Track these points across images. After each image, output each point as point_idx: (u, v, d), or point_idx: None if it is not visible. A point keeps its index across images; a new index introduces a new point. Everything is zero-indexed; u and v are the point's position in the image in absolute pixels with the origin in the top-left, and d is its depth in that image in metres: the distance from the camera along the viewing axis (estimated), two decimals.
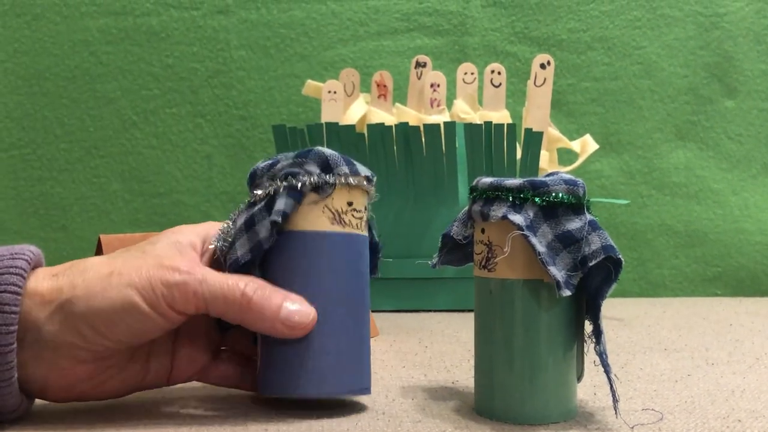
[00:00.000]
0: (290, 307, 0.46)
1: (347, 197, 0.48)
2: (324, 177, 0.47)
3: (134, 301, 0.44)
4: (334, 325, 0.48)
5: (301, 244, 0.48)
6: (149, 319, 0.44)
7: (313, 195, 0.47)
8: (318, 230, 0.47)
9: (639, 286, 1.29)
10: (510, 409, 0.46)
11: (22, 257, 0.44)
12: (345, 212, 0.48)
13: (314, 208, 0.47)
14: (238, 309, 0.46)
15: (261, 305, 0.46)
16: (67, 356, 0.45)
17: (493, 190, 0.46)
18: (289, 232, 0.48)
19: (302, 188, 0.47)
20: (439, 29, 1.31)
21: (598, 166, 1.30)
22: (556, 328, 0.46)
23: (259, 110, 1.30)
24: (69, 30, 1.30)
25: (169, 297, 0.44)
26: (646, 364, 0.66)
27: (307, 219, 0.47)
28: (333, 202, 0.48)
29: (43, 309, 0.44)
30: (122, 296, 0.44)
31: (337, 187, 0.48)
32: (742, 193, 1.30)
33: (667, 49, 1.30)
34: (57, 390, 0.46)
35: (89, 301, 0.43)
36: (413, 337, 0.81)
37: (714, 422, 0.47)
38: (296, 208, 0.47)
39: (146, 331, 0.45)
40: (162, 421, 0.47)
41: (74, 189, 1.30)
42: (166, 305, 0.44)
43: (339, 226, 0.48)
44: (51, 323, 0.44)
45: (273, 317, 0.46)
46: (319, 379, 0.47)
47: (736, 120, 1.31)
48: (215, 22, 1.30)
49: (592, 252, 0.44)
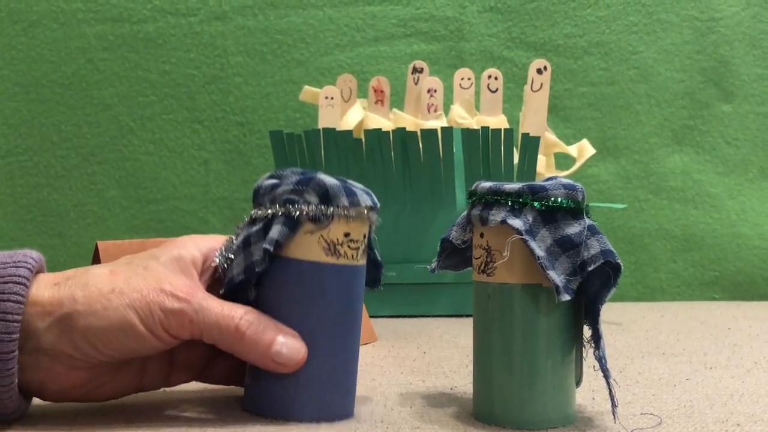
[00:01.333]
0: (281, 344, 0.47)
1: (344, 228, 0.48)
2: (321, 208, 0.47)
3: (132, 323, 0.45)
4: (321, 354, 0.48)
5: (294, 272, 0.48)
6: (145, 340, 0.45)
7: (309, 225, 0.47)
8: (311, 260, 0.48)
9: (637, 291, 1.29)
10: (509, 414, 0.46)
11: (24, 265, 0.45)
12: (341, 243, 0.48)
13: (309, 238, 0.47)
14: (231, 341, 0.46)
15: (253, 340, 0.46)
16: (63, 364, 0.45)
17: (492, 194, 0.46)
18: (283, 258, 0.48)
19: (299, 218, 0.47)
20: (436, 35, 1.31)
21: (595, 170, 1.30)
22: (555, 333, 0.46)
23: (257, 116, 1.30)
24: (66, 37, 1.30)
25: (166, 322, 0.45)
26: (645, 368, 0.66)
27: (302, 248, 0.48)
28: (329, 233, 0.47)
29: (42, 319, 0.44)
30: (120, 317, 0.44)
31: (334, 218, 0.47)
32: (739, 197, 1.30)
33: (663, 53, 1.31)
34: (53, 392, 0.47)
35: (88, 318, 0.44)
36: (412, 342, 0.81)
37: (713, 426, 0.47)
38: (291, 237, 0.47)
39: (141, 350, 0.46)
40: (161, 424, 0.47)
41: (71, 196, 1.30)
42: (162, 329, 0.45)
43: (333, 258, 0.48)
44: (50, 333, 0.44)
45: (264, 353, 0.47)
46: (302, 405, 0.48)
47: (732, 124, 1.31)
48: (212, 29, 1.30)
49: (591, 257, 0.44)
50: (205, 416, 0.50)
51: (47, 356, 0.45)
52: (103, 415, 0.50)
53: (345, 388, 0.50)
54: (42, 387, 0.46)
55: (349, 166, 1.02)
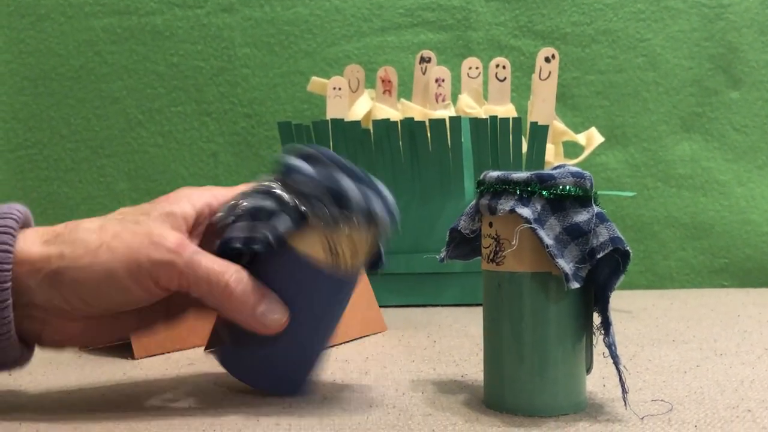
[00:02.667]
0: (266, 307, 0.47)
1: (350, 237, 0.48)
2: (336, 216, 0.47)
3: (119, 277, 0.45)
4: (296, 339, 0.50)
5: (289, 260, 0.48)
6: (133, 293, 0.46)
7: (318, 224, 0.47)
8: (310, 255, 0.48)
9: (646, 278, 1.29)
10: (520, 401, 0.46)
11: (10, 216, 0.46)
12: (343, 249, 0.48)
13: (312, 233, 0.48)
14: (219, 297, 0.47)
15: (241, 299, 0.47)
16: (58, 316, 0.46)
17: (500, 183, 0.47)
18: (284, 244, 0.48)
19: (310, 218, 0.47)
20: (443, 24, 1.31)
21: (604, 158, 1.30)
22: (565, 321, 0.46)
23: (265, 107, 1.30)
24: (73, 30, 1.30)
25: (155, 274, 0.45)
26: (655, 355, 0.66)
27: (302, 240, 0.48)
28: (333, 236, 0.48)
29: (32, 277, 0.45)
30: (107, 270, 0.45)
31: (344, 228, 0.48)
32: (749, 184, 1.30)
33: (671, 41, 1.30)
34: (53, 341, 0.48)
35: (76, 273, 0.45)
36: (421, 331, 0.81)
37: (724, 412, 0.47)
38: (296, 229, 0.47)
39: (131, 302, 0.47)
40: (172, 414, 0.48)
41: (81, 189, 1.30)
42: (151, 282, 0.46)
43: (331, 259, 0.48)
44: (40, 290, 0.45)
45: (250, 313, 0.47)
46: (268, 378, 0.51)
47: (741, 111, 1.30)
48: (219, 20, 1.30)
49: (600, 244, 0.44)
50: (218, 407, 0.50)
51: (41, 310, 0.46)
52: (110, 408, 0.50)
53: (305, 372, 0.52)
54: (40, 336, 0.48)
55: (358, 157, 1.02)
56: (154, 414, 0.48)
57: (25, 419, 0.47)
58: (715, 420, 0.45)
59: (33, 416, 0.48)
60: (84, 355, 0.69)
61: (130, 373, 0.61)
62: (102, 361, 0.66)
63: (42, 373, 0.61)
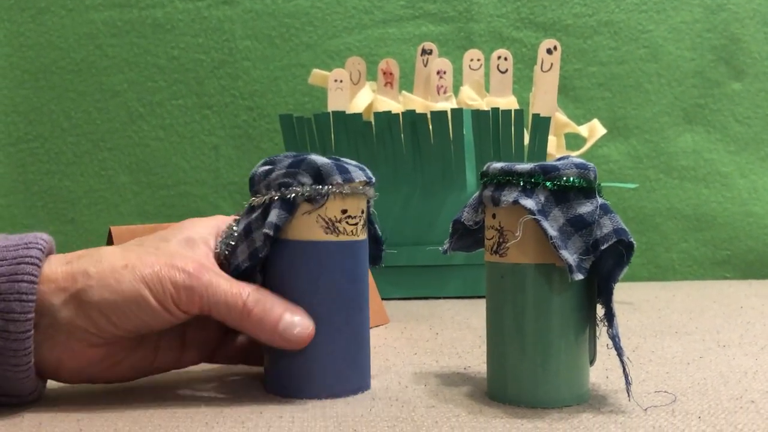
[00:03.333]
0: (289, 321, 0.47)
1: (341, 205, 0.49)
2: (316, 188, 0.48)
3: (144, 296, 0.45)
4: (330, 330, 0.49)
5: (296, 253, 0.49)
6: (157, 314, 0.46)
7: (306, 205, 0.48)
8: (312, 240, 0.48)
9: (648, 270, 1.29)
10: (523, 393, 0.46)
11: (36, 246, 0.46)
12: (339, 221, 0.49)
13: (308, 219, 0.48)
14: (239, 318, 0.47)
15: (261, 318, 0.47)
16: (79, 339, 0.46)
17: (504, 175, 0.46)
18: (285, 241, 0.49)
19: (294, 199, 0.48)
20: (445, 16, 1.30)
21: (606, 150, 1.29)
22: (568, 312, 0.46)
23: (266, 100, 1.30)
24: (74, 23, 1.30)
25: (176, 297, 0.46)
26: (658, 347, 0.66)
27: (301, 229, 0.48)
28: (326, 212, 0.48)
29: (57, 295, 0.45)
30: (133, 290, 0.45)
31: (329, 197, 0.48)
32: (751, 175, 1.30)
33: (673, 32, 1.30)
34: (69, 371, 0.48)
35: (102, 292, 0.45)
36: (424, 324, 0.81)
37: (727, 403, 0.47)
38: (289, 219, 0.48)
39: (154, 324, 0.47)
40: (176, 405, 0.48)
41: (82, 182, 1.30)
42: (173, 304, 0.46)
43: (333, 235, 0.49)
44: (65, 309, 0.45)
45: (272, 330, 0.47)
46: (320, 384, 0.49)
47: (743, 102, 1.30)
48: (220, 13, 1.30)
49: (604, 235, 0.44)
50: (221, 399, 0.50)
51: (63, 333, 0.46)
52: (121, 400, 0.50)
53: (358, 362, 0.51)
54: (58, 365, 0.47)
55: (359, 149, 1.02)
56: (156, 406, 0.48)
57: (28, 412, 0.47)
58: (719, 411, 0.45)
59: (35, 409, 0.48)
60: None
61: None
62: None
63: None
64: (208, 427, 0.43)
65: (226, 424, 0.44)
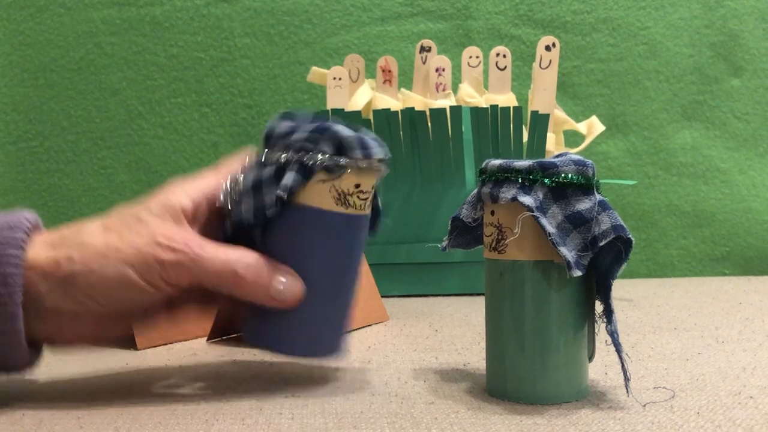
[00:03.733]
0: (280, 284, 0.48)
1: (355, 180, 0.49)
2: (336, 159, 0.48)
3: (131, 278, 0.46)
4: (322, 297, 0.49)
5: (303, 218, 0.49)
6: (145, 292, 0.46)
7: (322, 174, 0.48)
8: (321, 208, 0.48)
9: (647, 267, 1.29)
10: (522, 389, 0.46)
11: (20, 227, 0.46)
12: (351, 194, 0.49)
13: (321, 186, 0.48)
14: (231, 286, 0.47)
15: (253, 283, 0.47)
16: (69, 319, 0.47)
17: (502, 172, 0.46)
18: (294, 204, 0.48)
19: (313, 166, 0.48)
20: (443, 13, 1.30)
21: (605, 147, 1.29)
22: (567, 309, 0.46)
23: (265, 98, 1.30)
24: (73, 22, 1.30)
25: (165, 274, 0.46)
26: (657, 343, 0.66)
27: (313, 196, 0.48)
28: (341, 183, 0.48)
29: (43, 282, 0.45)
30: (119, 272, 0.46)
31: (347, 170, 0.48)
32: (749, 172, 1.30)
33: (672, 28, 1.30)
34: (62, 342, 0.50)
35: (88, 277, 0.45)
36: (423, 321, 0.81)
37: (726, 399, 0.47)
38: (304, 184, 0.48)
39: (143, 300, 0.47)
40: (176, 402, 0.48)
41: (82, 180, 1.30)
42: (161, 280, 0.46)
43: (342, 207, 0.49)
44: (52, 295, 0.46)
45: (264, 293, 0.48)
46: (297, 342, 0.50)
47: (742, 99, 1.30)
48: (219, 11, 1.30)
49: (602, 232, 0.44)
50: (220, 393, 0.50)
51: (53, 314, 0.46)
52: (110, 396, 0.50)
53: (340, 329, 0.52)
54: (51, 339, 0.49)
55: None
56: (157, 403, 0.48)
57: (29, 409, 0.47)
58: (717, 407, 0.45)
59: (36, 407, 0.48)
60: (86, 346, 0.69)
61: (133, 364, 0.61)
62: (105, 352, 0.67)
63: (45, 363, 0.61)
64: (208, 424, 0.43)
65: (225, 420, 0.44)
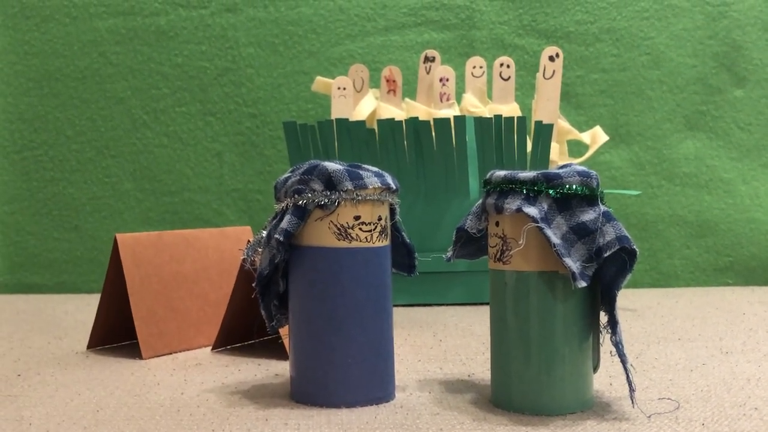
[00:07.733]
0: None
1: (354, 212, 0.49)
2: (326, 194, 0.49)
3: None
4: (348, 338, 0.49)
5: (309, 259, 0.49)
6: None
7: (318, 212, 0.49)
8: (324, 246, 0.49)
9: (651, 277, 1.29)
10: (527, 400, 0.47)
11: None
12: (351, 227, 0.49)
13: (320, 225, 0.49)
14: None
15: None
16: None
17: (507, 183, 0.47)
18: (300, 247, 0.50)
19: (306, 206, 0.49)
20: (447, 23, 1.31)
21: (608, 157, 1.30)
22: (572, 320, 0.46)
23: (269, 107, 1.30)
24: (78, 31, 1.30)
25: None
26: (661, 353, 0.66)
27: (314, 235, 0.49)
28: (338, 218, 0.49)
29: None
30: None
31: (341, 203, 0.49)
32: (753, 182, 1.30)
33: (675, 39, 1.30)
34: None
35: None
36: (427, 330, 0.82)
37: (730, 410, 0.47)
38: (302, 225, 0.49)
39: None
40: (182, 412, 0.48)
41: (86, 189, 1.31)
42: None
43: (345, 242, 0.49)
44: None
45: None
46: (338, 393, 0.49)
47: (745, 109, 1.30)
48: (223, 21, 1.30)
49: (607, 243, 0.44)
50: (228, 408, 0.51)
51: None
52: (125, 404, 0.50)
53: (377, 372, 0.50)
54: None
55: (363, 156, 1.02)
56: (162, 414, 0.48)
57: (35, 419, 0.47)
58: (722, 418, 0.45)
59: (42, 417, 0.48)
60: (92, 356, 0.69)
61: (138, 374, 0.61)
62: (110, 361, 0.67)
63: (50, 373, 0.62)
64: None
65: (232, 431, 0.44)
